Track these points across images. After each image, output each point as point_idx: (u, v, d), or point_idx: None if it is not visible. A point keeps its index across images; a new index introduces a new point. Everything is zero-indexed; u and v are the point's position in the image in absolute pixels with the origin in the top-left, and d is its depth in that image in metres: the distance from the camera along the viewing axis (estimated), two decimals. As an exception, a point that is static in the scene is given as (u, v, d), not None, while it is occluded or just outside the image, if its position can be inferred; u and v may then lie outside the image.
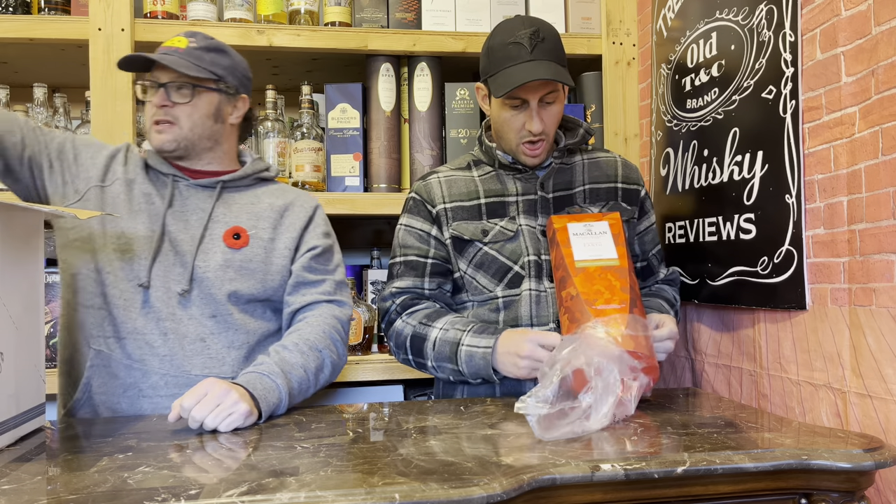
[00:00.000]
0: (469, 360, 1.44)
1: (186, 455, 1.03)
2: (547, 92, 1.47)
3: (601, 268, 1.39)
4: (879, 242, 1.23)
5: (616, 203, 1.59)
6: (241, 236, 1.47)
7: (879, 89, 1.22)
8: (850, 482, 1.03)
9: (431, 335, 1.49)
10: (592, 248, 1.42)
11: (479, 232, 1.54)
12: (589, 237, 1.44)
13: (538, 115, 1.48)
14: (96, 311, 1.41)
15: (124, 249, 1.41)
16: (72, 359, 1.44)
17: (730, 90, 1.61)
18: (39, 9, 1.91)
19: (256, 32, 1.94)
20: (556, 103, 1.50)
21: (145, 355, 1.39)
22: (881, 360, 1.23)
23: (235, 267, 1.44)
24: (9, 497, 0.85)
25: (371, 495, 0.85)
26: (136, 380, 1.39)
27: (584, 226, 1.45)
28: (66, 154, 1.46)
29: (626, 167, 1.64)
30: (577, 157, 1.63)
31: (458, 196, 1.57)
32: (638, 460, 0.98)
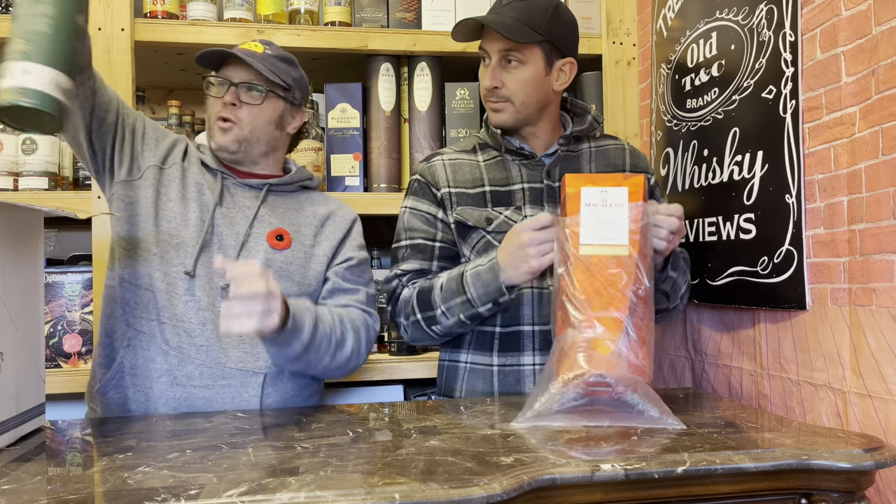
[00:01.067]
0: (476, 279, 1.40)
1: (186, 455, 1.03)
2: (506, 49, 1.47)
3: (607, 258, 1.27)
4: (879, 242, 1.23)
5: None
6: (285, 238, 1.49)
7: (880, 89, 1.22)
8: (851, 482, 1.03)
9: (437, 283, 1.46)
10: (603, 228, 1.29)
11: (484, 220, 1.52)
12: (603, 209, 1.30)
13: (495, 71, 1.49)
14: (143, 291, 1.42)
15: (174, 234, 1.43)
16: (110, 335, 1.45)
17: (730, 90, 1.61)
18: (39, 9, 1.91)
19: (256, 32, 1.94)
20: (522, 66, 1.48)
21: (183, 343, 1.39)
22: (881, 360, 1.23)
23: (276, 267, 1.46)
24: (9, 497, 0.85)
25: (371, 495, 0.85)
26: (171, 366, 1.39)
27: (600, 192, 1.31)
28: (137, 130, 1.49)
29: (633, 155, 1.64)
30: (584, 144, 1.62)
31: (463, 183, 1.56)
32: (638, 460, 0.98)
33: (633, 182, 1.31)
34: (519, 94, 1.50)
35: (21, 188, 1.88)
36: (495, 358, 1.52)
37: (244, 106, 1.47)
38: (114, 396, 1.40)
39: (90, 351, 1.87)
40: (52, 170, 1.90)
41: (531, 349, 1.50)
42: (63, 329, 1.89)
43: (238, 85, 1.46)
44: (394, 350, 2.01)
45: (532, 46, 1.47)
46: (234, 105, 1.46)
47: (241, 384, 1.40)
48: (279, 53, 1.51)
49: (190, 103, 2.26)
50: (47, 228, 2.23)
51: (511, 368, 1.51)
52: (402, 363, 1.94)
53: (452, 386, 1.58)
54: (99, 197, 1.83)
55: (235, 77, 1.47)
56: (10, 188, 1.88)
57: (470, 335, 1.55)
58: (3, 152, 1.87)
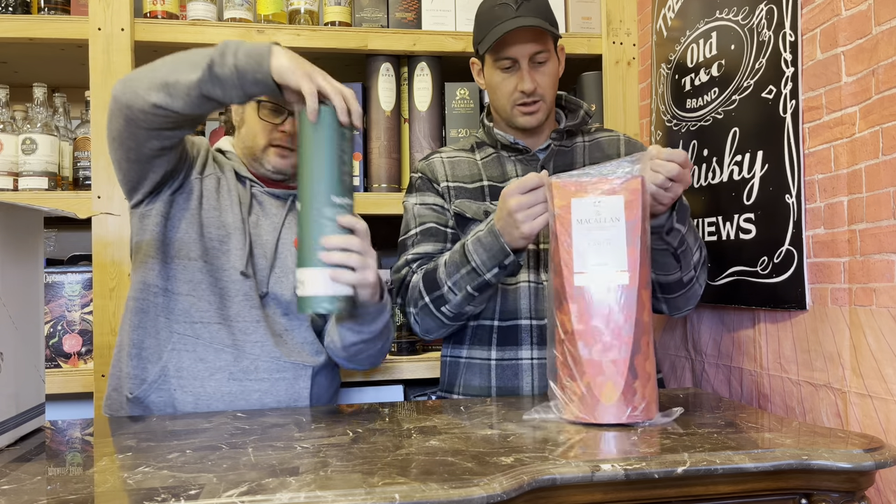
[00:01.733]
0: (477, 245, 1.36)
1: (186, 455, 1.03)
2: (537, 51, 1.48)
3: (605, 288, 1.15)
4: (880, 242, 1.23)
5: None
6: None
7: (880, 89, 1.22)
8: (851, 482, 1.03)
9: (441, 261, 1.46)
10: (598, 249, 1.16)
11: (482, 213, 1.53)
12: (596, 225, 1.16)
13: (529, 74, 1.48)
14: (185, 297, 1.43)
15: (223, 240, 1.46)
16: (142, 343, 1.44)
17: (730, 90, 1.61)
18: (39, 9, 1.91)
19: (256, 32, 1.94)
20: (548, 63, 1.50)
21: (238, 340, 1.42)
22: (881, 360, 1.23)
23: None
24: (9, 497, 0.85)
25: (371, 495, 0.85)
26: (226, 363, 1.41)
27: (592, 203, 1.16)
28: (191, 155, 1.49)
29: (629, 145, 1.62)
30: (578, 138, 1.62)
31: (462, 178, 1.57)
32: (638, 460, 0.98)
33: (630, 188, 1.16)
34: (550, 90, 1.52)
35: (21, 188, 1.88)
36: (493, 352, 1.52)
37: None
38: (157, 400, 1.41)
39: (90, 351, 1.87)
40: (52, 170, 1.90)
41: (529, 343, 1.50)
42: (63, 329, 1.89)
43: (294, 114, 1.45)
44: (394, 350, 2.01)
45: (551, 40, 1.50)
46: (293, 135, 1.47)
47: (293, 377, 1.45)
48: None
49: (190, 103, 2.26)
50: (47, 228, 2.24)
51: (509, 363, 1.51)
52: (402, 363, 1.94)
53: (454, 382, 1.58)
54: (99, 197, 1.83)
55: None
56: (10, 188, 1.88)
57: (469, 330, 1.55)
58: (3, 152, 1.87)
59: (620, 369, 1.14)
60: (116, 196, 1.83)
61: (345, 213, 1.20)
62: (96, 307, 1.82)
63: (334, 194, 1.18)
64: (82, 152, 1.97)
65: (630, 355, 1.14)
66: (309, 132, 1.18)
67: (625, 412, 1.15)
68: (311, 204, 1.18)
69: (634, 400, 1.15)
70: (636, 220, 1.15)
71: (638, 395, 1.16)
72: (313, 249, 1.18)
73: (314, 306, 1.18)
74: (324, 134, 1.17)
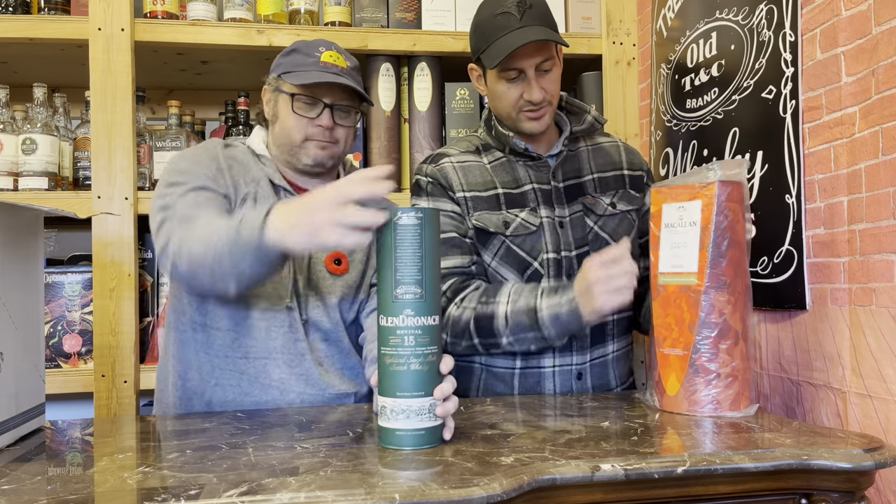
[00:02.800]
0: (555, 320, 1.36)
1: (186, 455, 1.03)
2: (543, 59, 1.45)
3: (679, 288, 1.25)
4: (879, 242, 1.23)
5: (625, 192, 1.58)
6: (342, 262, 1.46)
7: (880, 89, 1.22)
8: (851, 482, 1.03)
9: (499, 311, 1.41)
10: (677, 251, 1.25)
11: (501, 224, 1.49)
12: (679, 230, 1.25)
13: (537, 83, 1.46)
14: (226, 333, 1.39)
15: None
16: (187, 375, 1.42)
17: (730, 90, 1.61)
18: (39, 9, 1.91)
19: (256, 32, 1.94)
20: (553, 69, 1.48)
21: (284, 374, 1.39)
22: (881, 360, 1.23)
23: (338, 294, 1.45)
24: (9, 497, 0.85)
25: (371, 495, 0.85)
26: (272, 397, 1.39)
27: (677, 208, 1.26)
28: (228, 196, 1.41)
29: (629, 152, 1.64)
30: (580, 143, 1.61)
31: (475, 185, 1.52)
32: (638, 460, 0.98)
33: (706, 194, 1.23)
34: (556, 95, 1.51)
35: (21, 188, 1.88)
36: (518, 360, 1.51)
37: (338, 127, 1.43)
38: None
39: (90, 351, 1.87)
40: (52, 170, 1.90)
41: (552, 351, 1.50)
42: (63, 329, 1.89)
43: (333, 106, 1.42)
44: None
45: (556, 45, 1.48)
46: (331, 128, 1.42)
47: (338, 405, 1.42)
48: (353, 62, 1.46)
49: (190, 103, 2.26)
50: (47, 228, 2.24)
51: (532, 370, 1.50)
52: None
53: (467, 387, 1.56)
54: (99, 197, 1.83)
55: (328, 97, 1.42)
56: (10, 188, 1.88)
57: None
58: (3, 152, 1.87)
59: (682, 365, 1.24)
60: (116, 196, 1.83)
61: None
62: (96, 307, 1.82)
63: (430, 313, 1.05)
64: (82, 152, 1.97)
65: (692, 353, 1.23)
66: (387, 242, 1.05)
67: (685, 404, 1.24)
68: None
69: (696, 396, 1.23)
70: (710, 225, 1.22)
71: (701, 392, 1.23)
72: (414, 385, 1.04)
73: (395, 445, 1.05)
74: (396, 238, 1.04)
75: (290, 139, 1.43)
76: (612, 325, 1.54)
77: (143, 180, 1.98)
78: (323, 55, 1.42)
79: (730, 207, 1.23)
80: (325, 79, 1.37)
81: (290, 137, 1.43)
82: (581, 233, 1.52)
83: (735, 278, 1.24)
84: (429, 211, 1.05)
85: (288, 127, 1.43)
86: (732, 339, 1.23)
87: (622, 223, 1.56)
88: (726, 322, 1.23)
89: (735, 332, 1.23)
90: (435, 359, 1.05)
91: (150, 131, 2.05)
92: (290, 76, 1.40)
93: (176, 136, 1.99)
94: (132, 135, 1.86)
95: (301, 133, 1.42)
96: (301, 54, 1.42)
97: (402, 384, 1.03)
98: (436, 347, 1.05)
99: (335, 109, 1.42)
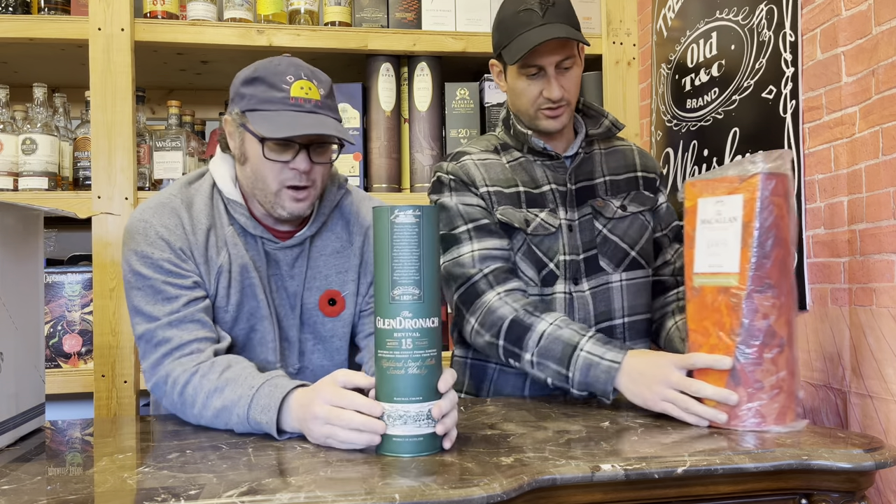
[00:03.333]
0: (586, 369, 1.27)
1: (186, 455, 1.03)
2: (563, 57, 1.43)
3: (717, 289, 1.14)
4: (880, 242, 1.23)
5: (638, 193, 1.55)
6: (337, 302, 1.40)
7: (880, 89, 1.22)
8: (851, 482, 1.03)
9: (539, 327, 1.34)
10: (715, 250, 1.15)
11: (523, 221, 1.48)
12: (717, 226, 1.15)
13: (556, 81, 1.44)
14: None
15: (248, 333, 1.35)
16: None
17: (730, 90, 1.61)
18: (39, 9, 1.91)
19: (256, 32, 1.94)
20: (573, 68, 1.46)
21: None
22: (881, 360, 1.23)
23: (340, 335, 1.41)
24: (9, 497, 0.85)
25: (371, 495, 0.85)
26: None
27: (715, 203, 1.15)
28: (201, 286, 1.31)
29: (642, 156, 1.61)
30: (595, 146, 1.58)
31: (498, 181, 1.51)
32: (638, 460, 0.98)
33: (748, 186, 1.12)
34: (575, 94, 1.49)
35: (21, 188, 1.88)
36: None
37: (315, 167, 1.27)
38: None
39: (90, 351, 1.87)
40: (52, 170, 1.90)
41: None
42: (63, 329, 1.89)
43: (309, 147, 1.26)
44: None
45: (577, 43, 1.46)
46: (307, 171, 1.26)
47: None
48: (328, 88, 1.29)
49: (190, 103, 2.26)
50: (47, 228, 2.23)
51: None
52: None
53: (479, 385, 1.54)
54: (99, 197, 1.83)
55: (303, 137, 1.24)
56: (10, 188, 1.88)
57: None
58: (3, 152, 1.87)
59: (721, 375, 1.13)
60: (116, 196, 1.83)
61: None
62: (96, 307, 1.82)
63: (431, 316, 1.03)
64: (82, 152, 1.97)
65: (733, 361, 1.12)
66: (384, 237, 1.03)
67: (723, 417, 1.13)
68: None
69: (738, 409, 1.12)
70: (753, 221, 1.12)
71: (743, 405, 1.12)
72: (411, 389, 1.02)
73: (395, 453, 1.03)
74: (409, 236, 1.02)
75: (263, 187, 1.27)
76: (623, 329, 1.53)
77: (143, 180, 1.98)
78: (293, 88, 1.23)
79: (774, 202, 1.12)
80: (297, 131, 1.21)
81: (263, 185, 1.27)
82: (589, 236, 1.49)
83: (780, 280, 1.13)
84: (427, 209, 1.02)
85: (261, 174, 1.27)
86: (778, 347, 1.12)
87: (633, 225, 1.53)
88: (771, 328, 1.12)
89: (780, 339, 1.13)
90: (434, 362, 1.03)
91: (150, 131, 2.05)
92: (257, 118, 1.23)
93: (176, 136, 1.99)
94: (132, 135, 1.86)
95: (276, 181, 1.26)
96: (266, 86, 1.24)
97: (399, 388, 1.01)
98: (434, 351, 1.03)
99: (311, 149, 1.26)
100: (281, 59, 1.28)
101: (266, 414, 1.10)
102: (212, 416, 1.17)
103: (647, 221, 1.55)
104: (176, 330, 1.24)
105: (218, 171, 1.35)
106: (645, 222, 1.55)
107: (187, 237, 1.29)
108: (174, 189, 1.35)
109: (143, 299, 1.26)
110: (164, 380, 1.22)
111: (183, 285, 1.27)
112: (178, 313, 1.25)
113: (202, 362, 1.21)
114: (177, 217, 1.30)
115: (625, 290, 1.51)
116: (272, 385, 1.12)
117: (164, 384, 1.22)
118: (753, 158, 1.15)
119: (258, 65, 1.28)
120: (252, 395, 1.12)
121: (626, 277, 1.51)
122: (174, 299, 1.25)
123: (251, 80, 1.26)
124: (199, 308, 1.27)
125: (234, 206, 1.33)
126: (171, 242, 1.28)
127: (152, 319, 1.25)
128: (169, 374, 1.22)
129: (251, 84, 1.26)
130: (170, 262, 1.27)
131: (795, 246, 1.18)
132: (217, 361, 1.21)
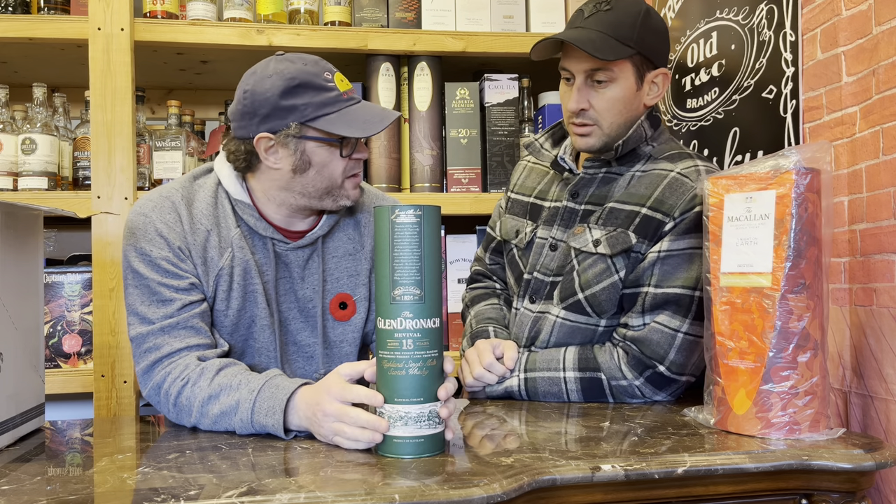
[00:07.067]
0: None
1: (186, 455, 1.03)
2: (593, 68, 1.32)
3: (748, 290, 1.09)
4: (880, 242, 1.23)
5: (623, 233, 1.33)
6: (348, 305, 1.39)
7: (880, 89, 1.22)
8: (851, 482, 1.03)
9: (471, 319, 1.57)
10: (745, 249, 1.08)
11: (513, 233, 1.50)
12: (746, 224, 1.09)
13: (580, 91, 1.33)
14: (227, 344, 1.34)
15: (246, 339, 1.35)
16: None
17: (730, 90, 1.61)
18: (39, 8, 1.91)
19: (256, 32, 1.94)
20: (611, 85, 1.33)
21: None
22: (881, 360, 1.23)
23: (349, 340, 1.41)
24: (9, 497, 0.85)
25: (371, 495, 0.85)
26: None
27: (745, 199, 1.09)
28: (210, 296, 1.31)
29: (670, 189, 1.33)
30: (636, 165, 1.40)
31: (524, 190, 1.54)
32: (638, 461, 0.97)
33: (783, 181, 1.06)
34: (608, 116, 1.35)
35: (21, 188, 1.88)
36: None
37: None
38: None
39: (90, 351, 1.87)
40: (51, 170, 1.90)
41: None
42: (63, 329, 1.89)
43: (364, 138, 1.33)
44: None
45: (622, 61, 1.32)
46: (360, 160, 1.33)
47: None
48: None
49: (190, 103, 2.26)
50: (47, 228, 2.23)
51: None
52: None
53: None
54: (99, 197, 1.83)
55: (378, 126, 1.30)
56: (9, 188, 1.88)
57: None
58: (3, 152, 1.87)
59: (753, 379, 1.09)
60: (116, 196, 1.83)
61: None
62: (96, 307, 1.82)
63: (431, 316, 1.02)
64: (82, 152, 1.97)
65: (767, 365, 1.07)
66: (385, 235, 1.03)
67: (756, 426, 1.08)
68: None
69: (770, 414, 1.08)
70: (787, 218, 1.06)
71: (777, 411, 1.08)
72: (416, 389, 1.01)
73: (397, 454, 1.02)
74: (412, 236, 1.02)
75: (330, 184, 1.29)
76: None
77: (143, 180, 1.98)
78: (336, 82, 1.28)
79: (809, 198, 1.07)
80: (384, 122, 1.26)
81: (331, 182, 1.29)
82: (563, 261, 1.40)
83: (814, 280, 1.08)
84: (428, 208, 1.01)
85: (330, 174, 1.28)
86: (812, 351, 1.08)
87: (594, 266, 1.35)
88: (805, 331, 1.07)
89: (815, 343, 1.08)
90: (435, 363, 1.02)
91: (150, 131, 2.05)
92: (328, 123, 1.24)
93: (175, 135, 1.99)
94: (132, 135, 1.86)
95: (342, 175, 1.30)
96: (314, 90, 1.24)
97: (400, 389, 1.01)
98: (436, 351, 1.02)
99: (362, 141, 1.34)
100: (302, 58, 1.27)
101: (272, 417, 1.10)
102: (210, 422, 1.17)
103: (614, 270, 1.34)
104: (167, 337, 1.23)
105: (223, 171, 1.34)
106: (610, 270, 1.34)
107: (185, 235, 1.29)
108: (179, 183, 1.35)
109: (138, 298, 1.26)
110: (157, 390, 1.22)
111: (179, 287, 1.26)
112: (171, 318, 1.24)
113: (191, 371, 1.20)
114: (176, 213, 1.29)
115: (557, 328, 1.40)
116: (273, 386, 1.12)
117: (158, 394, 1.22)
118: (786, 152, 1.10)
119: (286, 72, 1.24)
120: (254, 399, 1.12)
121: (563, 316, 1.39)
122: (169, 303, 1.25)
123: (292, 89, 1.23)
124: (193, 313, 1.26)
125: (241, 207, 1.32)
126: (169, 240, 1.27)
127: (146, 322, 1.24)
128: (160, 384, 1.21)
129: (295, 94, 1.23)
130: (167, 262, 1.26)
131: (830, 245, 1.14)
132: (206, 367, 1.20)
